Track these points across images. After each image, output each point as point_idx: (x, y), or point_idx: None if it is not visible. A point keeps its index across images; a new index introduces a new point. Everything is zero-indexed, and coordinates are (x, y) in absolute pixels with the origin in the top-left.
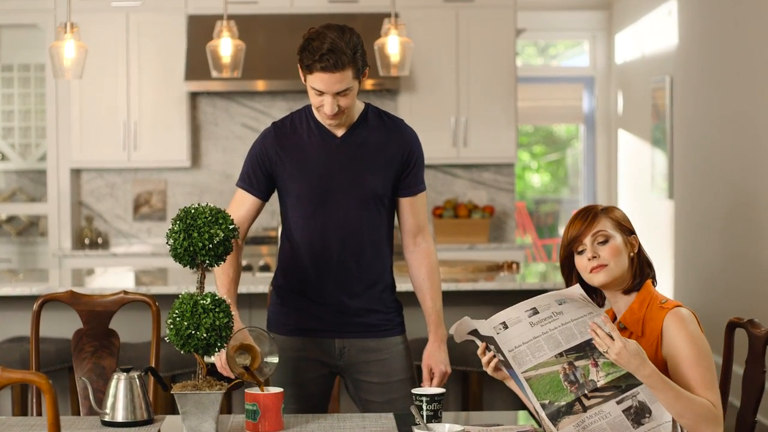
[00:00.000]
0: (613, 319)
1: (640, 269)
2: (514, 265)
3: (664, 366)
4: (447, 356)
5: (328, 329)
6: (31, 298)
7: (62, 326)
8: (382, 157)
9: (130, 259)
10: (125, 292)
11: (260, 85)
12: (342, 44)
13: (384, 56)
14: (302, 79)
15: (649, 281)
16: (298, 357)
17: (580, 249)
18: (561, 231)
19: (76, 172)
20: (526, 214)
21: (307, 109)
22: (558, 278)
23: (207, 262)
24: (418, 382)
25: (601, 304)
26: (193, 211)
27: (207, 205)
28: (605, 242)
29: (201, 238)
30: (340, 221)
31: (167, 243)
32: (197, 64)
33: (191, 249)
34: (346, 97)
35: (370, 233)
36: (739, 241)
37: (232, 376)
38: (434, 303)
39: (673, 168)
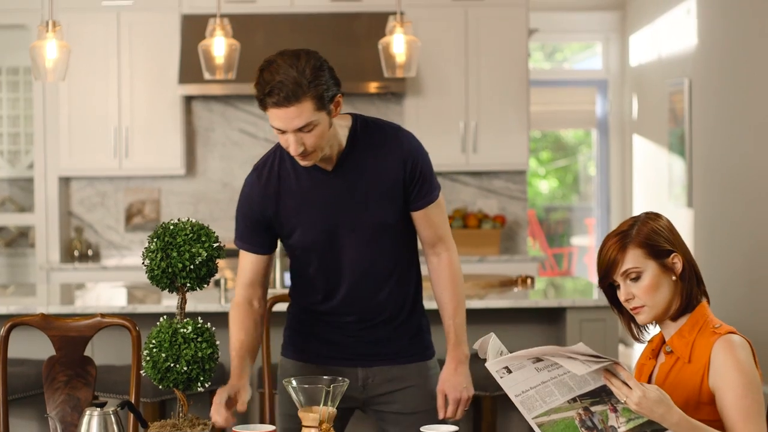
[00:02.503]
0: (662, 342)
1: (688, 291)
2: (529, 280)
3: (710, 398)
4: (467, 379)
5: (351, 357)
6: (8, 318)
7: (43, 347)
8: (384, 179)
9: (122, 272)
10: (102, 315)
11: None
12: (294, 73)
13: (389, 56)
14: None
15: (704, 303)
16: None
17: (615, 284)
18: (573, 240)
19: (64, 181)
20: (536, 222)
21: None
22: (575, 294)
23: (188, 285)
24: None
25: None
26: (172, 227)
27: (188, 220)
28: (638, 278)
29: (181, 258)
30: (353, 262)
31: (143, 263)
32: (192, 66)
33: (170, 270)
34: (311, 134)
35: (387, 265)
36: (764, 253)
37: None
38: (452, 319)
39: (692, 175)
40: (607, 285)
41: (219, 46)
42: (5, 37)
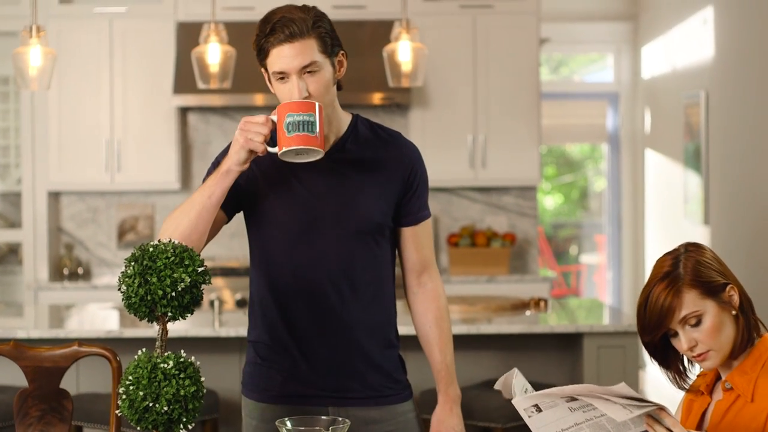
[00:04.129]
0: (717, 377)
1: (746, 325)
2: (542, 303)
3: None
4: (461, 421)
5: (321, 395)
6: None
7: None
8: (380, 177)
9: (113, 292)
10: (79, 344)
11: (258, 99)
12: (299, 13)
13: (394, 65)
14: (266, 78)
15: (767, 335)
16: None
17: (671, 333)
18: (582, 258)
19: (54, 196)
20: (544, 239)
21: None
22: (593, 319)
23: (169, 314)
24: None
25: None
26: (151, 249)
27: (170, 242)
28: (698, 323)
29: (161, 284)
30: (330, 258)
31: (119, 290)
32: (188, 76)
33: (149, 298)
34: (314, 78)
35: (367, 272)
36: None
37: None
38: (444, 356)
39: (709, 191)
40: (660, 337)
41: (213, 53)
42: None
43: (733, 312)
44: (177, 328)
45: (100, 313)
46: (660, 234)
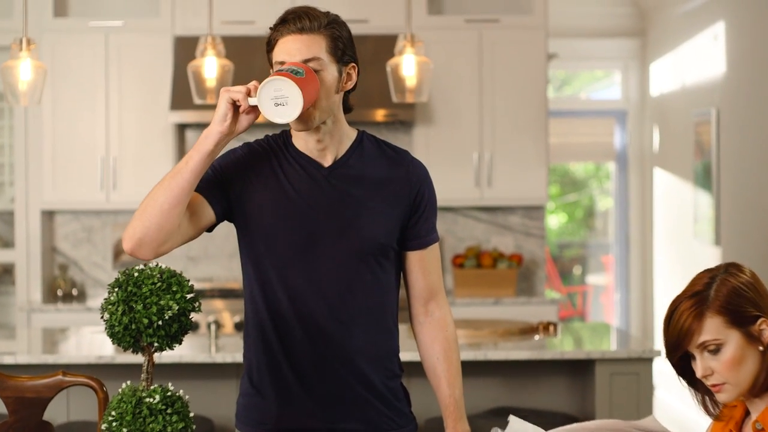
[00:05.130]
0: (745, 414)
1: None
2: (551, 327)
3: None
4: None
5: (319, 427)
6: None
7: None
8: (385, 196)
9: None
10: (64, 373)
11: (259, 116)
12: (316, 12)
13: (398, 79)
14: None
15: None
16: None
17: (691, 355)
18: (588, 279)
19: (48, 215)
20: (549, 260)
21: (286, 133)
22: (602, 344)
23: (156, 344)
24: None
25: None
26: (136, 274)
27: (157, 266)
28: (717, 351)
29: (147, 312)
30: (329, 278)
31: (101, 317)
32: (185, 91)
33: (133, 327)
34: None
35: (369, 296)
36: None
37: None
38: (452, 389)
39: (720, 210)
40: (678, 358)
41: (210, 67)
42: None
43: (761, 348)
44: (171, 352)
45: (94, 338)
46: (669, 255)
